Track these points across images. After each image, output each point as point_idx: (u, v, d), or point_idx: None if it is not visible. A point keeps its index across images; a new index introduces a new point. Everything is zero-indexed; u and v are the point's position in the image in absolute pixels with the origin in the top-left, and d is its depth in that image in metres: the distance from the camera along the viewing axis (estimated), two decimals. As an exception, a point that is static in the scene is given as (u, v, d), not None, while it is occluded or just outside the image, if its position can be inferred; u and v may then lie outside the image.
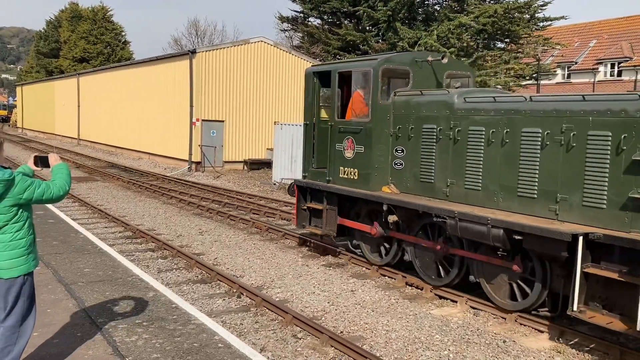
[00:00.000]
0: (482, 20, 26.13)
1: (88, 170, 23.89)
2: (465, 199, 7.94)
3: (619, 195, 6.23)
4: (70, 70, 50.08)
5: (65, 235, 10.85)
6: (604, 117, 6.41)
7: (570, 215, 6.69)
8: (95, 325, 6.13)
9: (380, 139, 9.07)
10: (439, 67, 9.51)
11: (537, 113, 7.14)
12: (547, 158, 6.96)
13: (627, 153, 6.14)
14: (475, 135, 7.83)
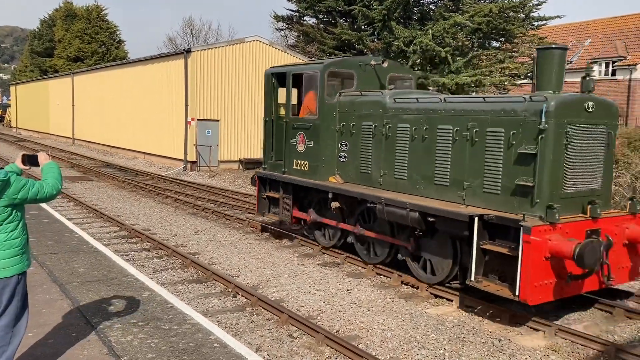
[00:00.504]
0: (477, 19, 26.18)
1: (83, 169, 23.81)
2: (395, 187, 9.07)
3: (509, 182, 7.32)
4: (65, 70, 49.88)
5: (60, 235, 10.81)
6: (499, 116, 7.51)
7: (474, 200, 7.77)
8: (90, 325, 6.11)
9: (327, 135, 10.17)
10: (382, 70, 10.62)
11: (449, 112, 8.24)
12: (457, 151, 8.04)
13: (515, 147, 7.24)
14: (402, 131, 8.94)
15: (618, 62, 36.73)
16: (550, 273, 6.76)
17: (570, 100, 7.24)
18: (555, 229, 6.74)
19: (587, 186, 7.45)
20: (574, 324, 7.22)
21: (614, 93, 36.94)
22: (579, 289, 7.21)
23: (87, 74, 38.05)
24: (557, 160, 7.04)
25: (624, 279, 7.74)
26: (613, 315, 7.48)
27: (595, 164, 7.54)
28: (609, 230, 7.27)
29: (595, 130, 7.45)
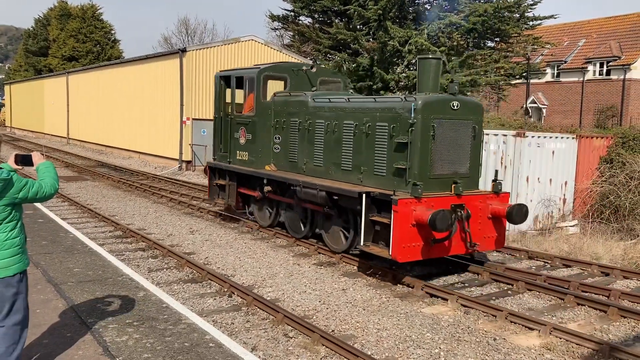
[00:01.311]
0: (472, 19, 26.23)
1: (77, 169, 23.74)
2: (314, 173, 10.73)
3: (391, 166, 8.99)
4: (60, 69, 49.69)
5: (54, 234, 10.79)
6: (384, 114, 9.22)
7: (368, 181, 9.44)
8: (85, 325, 6.10)
9: (263, 129, 11.86)
10: (313, 74, 12.32)
11: (351, 110, 9.98)
12: (356, 142, 9.78)
13: (394, 137, 8.91)
14: (319, 126, 10.62)
15: (612, 62, 36.88)
16: (417, 237, 8.30)
17: (436, 100, 8.85)
18: (421, 202, 8.29)
19: (454, 170, 9.01)
20: (568, 322, 7.25)
21: (608, 93, 37.10)
22: (445, 251, 8.79)
23: (81, 73, 37.93)
24: (425, 147, 8.66)
25: (491, 247, 9.40)
26: (607, 314, 7.52)
27: (461, 152, 9.09)
28: (471, 205, 8.90)
29: (460, 124, 9.01)
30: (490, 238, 9.23)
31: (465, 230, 8.78)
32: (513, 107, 38.83)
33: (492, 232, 9.25)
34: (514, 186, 12.55)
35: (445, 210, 8.12)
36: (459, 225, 8.76)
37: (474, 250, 8.99)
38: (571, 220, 13.66)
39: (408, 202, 8.20)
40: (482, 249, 9.28)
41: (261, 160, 11.91)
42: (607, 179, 13.86)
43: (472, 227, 8.86)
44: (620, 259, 10.64)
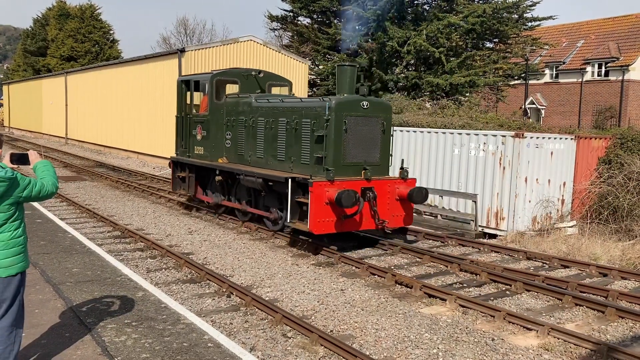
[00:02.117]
0: (470, 20, 26.26)
1: (76, 169, 23.72)
2: (257, 164, 12.27)
3: (312, 155, 10.66)
4: (58, 69, 49.64)
5: (53, 235, 10.78)
6: (308, 112, 10.93)
7: (297, 169, 11.02)
8: (83, 325, 6.10)
9: (216, 127, 13.44)
10: (262, 79, 13.96)
11: (284, 109, 11.63)
12: (288, 136, 11.37)
13: (315, 131, 10.56)
14: (260, 123, 12.21)
15: (611, 63, 36.93)
16: (330, 213, 9.98)
17: (347, 100, 10.59)
18: (333, 184, 9.94)
19: (364, 158, 10.70)
20: (566, 323, 7.26)
21: (607, 94, 37.15)
22: (356, 226, 10.52)
23: (80, 73, 37.89)
24: (338, 140, 10.33)
25: (399, 224, 11.17)
26: (605, 314, 7.53)
27: (371, 144, 10.82)
28: (380, 188, 10.63)
29: (370, 120, 10.72)
30: (398, 216, 10.99)
31: (374, 209, 10.49)
32: (512, 107, 38.87)
33: (400, 212, 11.00)
34: (512, 187, 12.58)
35: (350, 190, 9.70)
36: (368, 205, 10.46)
37: (383, 226, 10.65)
38: (569, 221, 13.68)
39: (322, 184, 9.90)
40: (391, 226, 10.89)
41: (215, 153, 13.49)
42: (605, 179, 13.87)
43: (381, 207, 10.62)
44: (619, 260, 10.66)
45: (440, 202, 14.00)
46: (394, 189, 10.84)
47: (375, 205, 10.47)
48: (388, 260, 10.25)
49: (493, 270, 9.39)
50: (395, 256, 10.58)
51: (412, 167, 15.00)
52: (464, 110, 22.56)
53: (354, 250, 10.89)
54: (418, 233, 12.48)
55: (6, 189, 4.15)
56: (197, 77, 14.18)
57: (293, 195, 10.32)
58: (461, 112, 21.29)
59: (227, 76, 13.93)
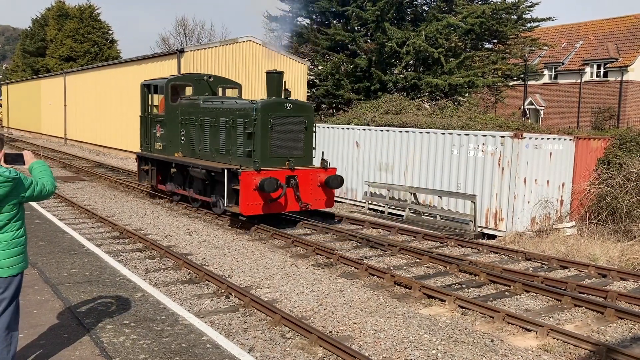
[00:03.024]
0: (470, 20, 26.26)
1: (75, 169, 23.69)
2: (205, 157, 14.00)
3: (245, 149, 12.60)
4: (57, 69, 49.59)
5: (51, 235, 10.76)
6: (241, 112, 12.81)
7: (234, 161, 12.85)
8: (82, 326, 6.09)
9: (171, 125, 15.29)
10: (214, 82, 15.72)
11: (223, 110, 13.54)
12: (227, 133, 13.25)
13: (246, 129, 12.50)
14: (206, 122, 13.99)
15: (610, 63, 36.95)
16: (258, 198, 11.83)
17: (272, 102, 12.49)
18: (260, 174, 11.76)
19: (289, 152, 12.57)
20: (565, 324, 7.26)
21: (605, 94, 37.18)
22: (282, 208, 12.44)
23: (79, 73, 37.86)
24: (265, 136, 12.24)
25: (321, 206, 13.09)
26: (604, 315, 7.53)
27: (295, 139, 12.71)
28: (303, 176, 12.55)
29: (293, 120, 12.63)
30: (320, 200, 12.96)
31: (297, 194, 12.41)
32: (510, 108, 38.88)
33: (322, 196, 12.95)
34: (511, 187, 12.58)
35: (272, 178, 11.67)
36: (293, 190, 12.37)
37: (306, 208, 12.65)
38: (568, 221, 13.68)
39: (250, 174, 11.73)
40: (314, 208, 12.92)
41: (171, 149, 15.27)
42: (604, 180, 13.87)
43: (304, 192, 12.54)
44: (617, 261, 10.66)
45: (439, 202, 14.00)
46: (316, 177, 12.76)
47: (298, 191, 12.44)
48: (387, 261, 10.24)
49: (492, 271, 9.39)
50: (394, 257, 10.58)
51: (411, 168, 15.01)
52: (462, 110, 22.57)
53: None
54: (417, 233, 12.48)
55: (11, 188, 4.16)
56: (156, 81, 16.21)
57: (229, 183, 12.12)
58: (460, 113, 21.29)
59: (181, 81, 16.05)
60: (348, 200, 17.02)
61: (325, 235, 12.31)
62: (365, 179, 16.33)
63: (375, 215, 15.23)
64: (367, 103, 24.92)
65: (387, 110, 22.00)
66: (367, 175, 16.33)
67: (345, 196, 17.17)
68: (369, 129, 16.65)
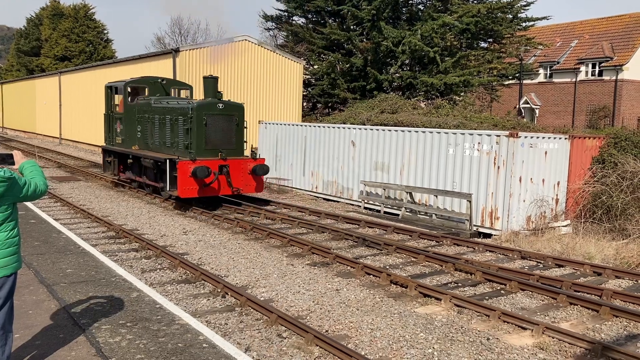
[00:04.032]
0: (465, 19, 26.31)
1: (70, 169, 23.63)
2: (155, 149, 16.15)
3: (184, 143, 14.69)
4: (52, 69, 49.43)
5: (47, 235, 10.73)
6: (181, 111, 14.92)
7: (177, 153, 14.89)
8: (77, 326, 6.07)
9: (130, 122, 17.51)
10: (167, 84, 18.03)
11: (168, 109, 15.71)
12: (171, 128, 15.42)
13: (185, 125, 14.60)
14: (156, 119, 16.12)
15: (605, 62, 37.07)
16: (193, 183, 13.85)
17: (206, 102, 14.64)
18: (195, 163, 13.79)
19: (221, 145, 14.60)
20: (561, 322, 7.29)
21: (600, 93, 37.29)
22: (215, 192, 14.46)
23: (74, 73, 37.73)
24: (200, 132, 14.33)
25: (252, 191, 15.21)
26: (600, 313, 7.56)
27: (227, 134, 14.79)
28: (234, 165, 14.62)
29: (225, 117, 14.74)
30: (251, 185, 15.00)
31: (229, 180, 14.42)
32: (506, 107, 38.96)
33: (252, 182, 14.98)
34: (507, 186, 12.61)
35: (204, 166, 13.71)
36: (225, 177, 14.38)
37: (238, 192, 14.78)
38: (564, 220, 13.72)
39: (186, 163, 13.82)
40: (245, 192, 15.11)
41: (129, 143, 17.47)
42: (599, 179, 13.92)
43: (235, 179, 14.57)
44: (612, 259, 10.70)
45: (435, 201, 14.02)
46: (246, 166, 14.82)
47: (229, 177, 14.45)
48: (383, 260, 10.26)
49: (488, 269, 9.41)
50: (390, 256, 10.59)
51: (406, 167, 15.02)
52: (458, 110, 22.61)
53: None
54: (413, 232, 12.50)
55: (6, 188, 4.15)
56: (116, 83, 18.61)
57: (170, 171, 14.12)
58: (455, 112, 21.33)
59: (138, 83, 18.14)
60: (344, 199, 17.03)
61: (322, 235, 12.32)
62: (361, 178, 16.34)
63: (371, 214, 15.24)
64: (363, 102, 24.94)
65: (382, 110, 22.03)
66: (363, 175, 16.34)
67: (341, 195, 17.18)
68: (365, 129, 16.67)
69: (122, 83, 17.94)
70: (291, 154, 19.16)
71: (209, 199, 15.16)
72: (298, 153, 18.85)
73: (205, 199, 14.90)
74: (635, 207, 12.91)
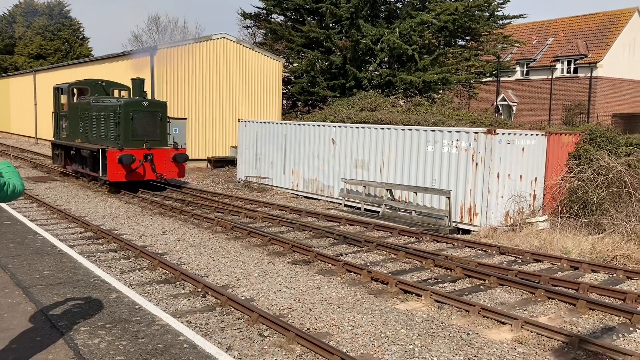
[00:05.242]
0: (443, 17, 26.49)
1: (46, 169, 23.26)
2: (93, 142, 18.38)
3: (115, 135, 17.09)
4: (26, 67, 48.58)
5: (22, 237, 10.55)
6: (111, 108, 17.49)
7: (110, 144, 17.08)
8: (55, 328, 5.98)
9: (73, 119, 19.94)
10: (107, 85, 20.39)
11: (102, 107, 18.09)
12: (105, 124, 17.75)
13: (114, 121, 17.01)
14: (94, 116, 18.44)
15: (579, 60, 37.63)
16: (121, 169, 16.35)
17: (132, 101, 17.50)
18: (122, 151, 16.28)
19: (146, 136, 17.09)
20: (539, 316, 7.39)
21: (576, 90, 37.86)
22: (140, 177, 16.94)
23: (49, 71, 37.14)
24: (127, 125, 16.83)
25: (174, 176, 17.85)
26: (576, 307, 7.68)
27: (152, 128, 17.31)
28: (158, 154, 17.06)
29: (149, 113, 17.34)
30: (173, 172, 17.50)
31: (153, 166, 16.87)
32: (484, 104, 39.34)
33: (174, 169, 17.46)
34: (485, 183, 12.74)
35: (128, 154, 16.20)
36: (149, 163, 16.81)
37: (161, 177, 17.29)
38: (541, 215, 13.91)
39: (114, 151, 16.34)
40: (168, 177, 17.59)
41: (73, 137, 19.92)
42: (575, 174, 14.14)
43: (159, 165, 17.02)
44: (589, 253, 10.88)
45: (415, 198, 14.10)
46: (169, 155, 17.32)
47: (153, 164, 16.87)
48: (364, 257, 10.29)
49: (467, 265, 9.50)
50: (370, 253, 10.63)
51: (386, 164, 15.09)
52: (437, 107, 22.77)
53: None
54: (393, 229, 12.56)
55: None
56: (62, 85, 21.09)
57: (103, 159, 16.53)
58: (434, 109, 21.47)
59: (80, 85, 20.59)
60: (325, 197, 17.05)
61: (303, 233, 12.32)
62: (341, 176, 16.37)
63: (351, 212, 15.28)
64: (343, 100, 24.97)
65: (362, 107, 22.08)
66: (343, 172, 16.37)
67: (322, 193, 17.19)
68: (345, 126, 16.70)
69: (66, 85, 20.58)
70: (271, 152, 19.11)
71: (136, 183, 17.61)
72: (278, 151, 18.81)
73: (134, 184, 17.48)
74: (610, 202, 13.15)
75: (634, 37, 38.31)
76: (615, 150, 14.51)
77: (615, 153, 14.32)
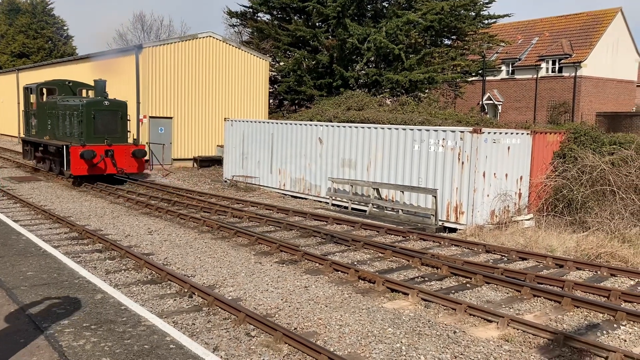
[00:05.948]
0: (429, 17, 26.58)
1: (30, 169, 22.99)
2: (60, 139, 19.33)
3: (78, 132, 18.37)
4: (9, 66, 47.98)
5: (5, 237, 10.42)
6: (75, 107, 18.77)
7: (73, 141, 18.43)
8: (39, 330, 5.91)
9: (42, 117, 20.96)
10: (73, 85, 21.53)
11: (67, 106, 19.17)
12: (70, 121, 18.77)
13: (78, 118, 18.34)
14: (60, 114, 19.47)
15: (564, 59, 37.97)
16: (83, 163, 17.52)
17: (94, 100, 18.84)
18: (84, 147, 17.44)
19: (108, 133, 18.37)
20: (525, 314, 7.44)
21: (560, 89, 38.19)
22: (102, 171, 18.12)
23: (33, 70, 36.71)
24: (89, 123, 18.14)
25: (134, 171, 18.92)
26: (562, 304, 7.75)
27: (113, 125, 18.62)
28: (119, 150, 18.32)
29: (110, 112, 18.62)
30: (133, 166, 18.69)
31: (113, 161, 18.09)
32: (469, 104, 39.56)
33: (134, 164, 18.69)
34: (471, 181, 12.80)
35: (90, 150, 17.46)
36: (110, 158, 18.01)
37: (122, 172, 18.56)
38: (527, 214, 14.02)
39: (77, 147, 17.50)
40: (128, 171, 18.79)
41: (42, 134, 20.91)
42: (560, 173, 14.27)
43: (119, 160, 18.25)
44: (574, 251, 10.98)
45: (402, 197, 14.14)
46: (129, 150, 18.55)
47: (114, 160, 18.12)
48: (351, 256, 10.30)
49: (453, 263, 9.54)
50: (358, 252, 10.64)
51: (373, 163, 15.11)
52: (423, 106, 22.85)
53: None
54: (380, 228, 12.58)
55: None
56: (31, 85, 22.35)
57: (67, 155, 17.79)
58: (420, 109, 21.55)
59: (49, 85, 21.68)
60: (312, 196, 17.04)
61: (290, 232, 12.30)
62: (328, 175, 16.36)
63: (339, 211, 15.29)
64: (330, 99, 24.97)
65: (349, 107, 22.09)
66: (330, 172, 16.37)
67: (309, 193, 17.17)
68: (332, 126, 16.69)
69: (35, 85, 21.77)
70: (258, 152, 19.06)
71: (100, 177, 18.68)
72: (265, 150, 18.76)
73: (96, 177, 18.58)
74: (595, 200, 13.28)
75: (617, 37, 38.74)
76: (600, 149, 14.65)
77: (599, 152, 14.47)
